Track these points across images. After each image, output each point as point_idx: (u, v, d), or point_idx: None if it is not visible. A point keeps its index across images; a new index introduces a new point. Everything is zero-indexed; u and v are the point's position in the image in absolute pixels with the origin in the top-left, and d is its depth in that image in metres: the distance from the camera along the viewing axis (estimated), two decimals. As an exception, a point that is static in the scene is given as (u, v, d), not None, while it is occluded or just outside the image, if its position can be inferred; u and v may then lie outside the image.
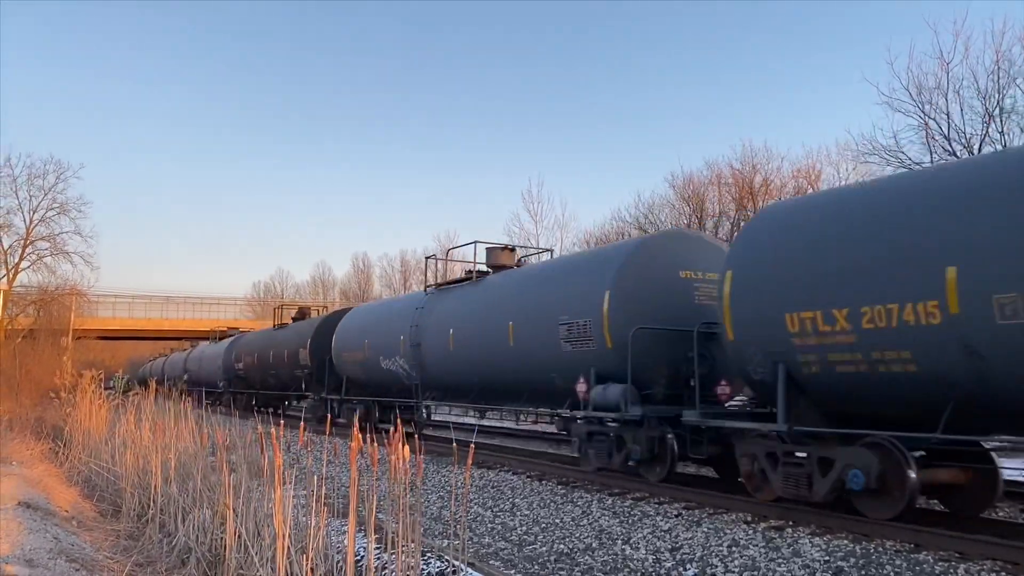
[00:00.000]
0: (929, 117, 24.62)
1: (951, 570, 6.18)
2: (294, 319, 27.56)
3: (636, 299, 10.48)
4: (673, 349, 10.12)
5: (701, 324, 9.81)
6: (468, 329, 14.23)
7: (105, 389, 14.97)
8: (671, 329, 10.15)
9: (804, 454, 8.18)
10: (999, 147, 23.26)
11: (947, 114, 24.38)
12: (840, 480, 7.72)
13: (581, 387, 10.98)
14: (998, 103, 23.46)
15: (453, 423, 22.34)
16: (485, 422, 21.76)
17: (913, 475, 7.20)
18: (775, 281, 8.30)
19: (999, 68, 23.39)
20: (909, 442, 7.35)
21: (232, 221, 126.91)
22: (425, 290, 17.05)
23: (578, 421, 11.33)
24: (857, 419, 7.87)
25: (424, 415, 17.20)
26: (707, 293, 10.59)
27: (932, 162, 24.47)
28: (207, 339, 40.72)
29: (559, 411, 12.23)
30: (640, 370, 10.09)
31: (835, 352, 7.61)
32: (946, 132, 24.45)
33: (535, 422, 20.88)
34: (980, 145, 23.84)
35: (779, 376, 8.12)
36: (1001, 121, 23.53)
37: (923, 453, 7.78)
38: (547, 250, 17.29)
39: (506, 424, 22.51)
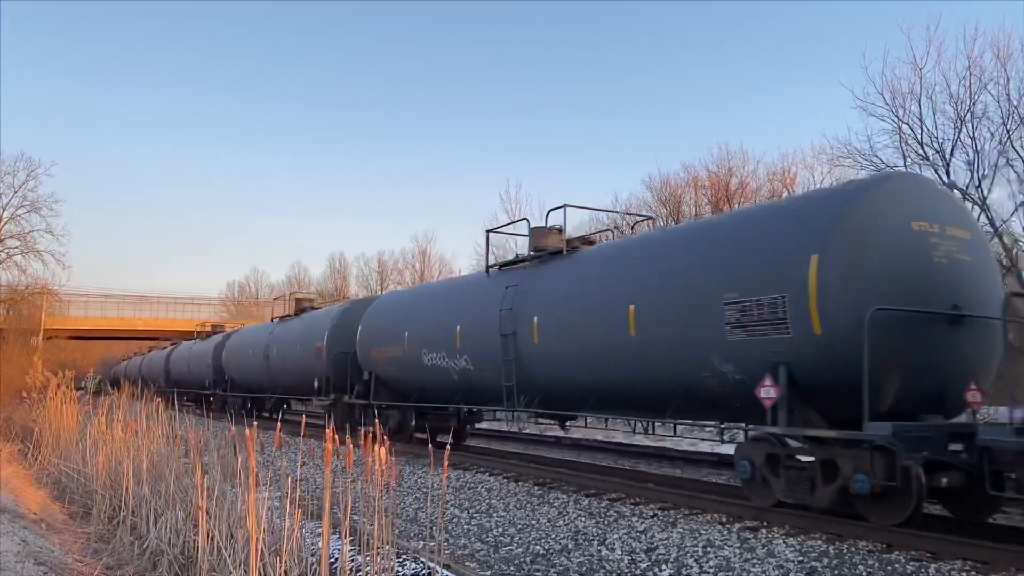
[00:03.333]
0: (902, 122, 25.03)
1: (922, 569, 6.25)
2: (297, 312, 23.75)
3: (860, 265, 7.58)
4: (913, 337, 7.48)
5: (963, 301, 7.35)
6: (563, 317, 11.40)
7: (76, 390, 14.78)
8: (943, 313, 7.42)
9: None
10: (970, 152, 23.68)
11: (920, 119, 24.79)
12: None
13: (768, 391, 8.15)
14: (970, 108, 23.89)
15: (538, 434, 19.54)
16: (575, 433, 18.12)
17: None
18: None
19: (971, 74, 23.83)
20: None
21: (206, 221, 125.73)
22: (487, 271, 14.19)
23: (753, 439, 8.61)
24: None
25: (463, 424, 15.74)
26: (948, 253, 7.86)
27: (906, 166, 24.84)
28: (182, 339, 40.07)
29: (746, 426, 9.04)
30: (869, 370, 7.19)
31: None
32: (919, 137, 24.87)
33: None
34: (952, 149, 24.26)
35: None
36: (972, 126, 23.95)
37: None
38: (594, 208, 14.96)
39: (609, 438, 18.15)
